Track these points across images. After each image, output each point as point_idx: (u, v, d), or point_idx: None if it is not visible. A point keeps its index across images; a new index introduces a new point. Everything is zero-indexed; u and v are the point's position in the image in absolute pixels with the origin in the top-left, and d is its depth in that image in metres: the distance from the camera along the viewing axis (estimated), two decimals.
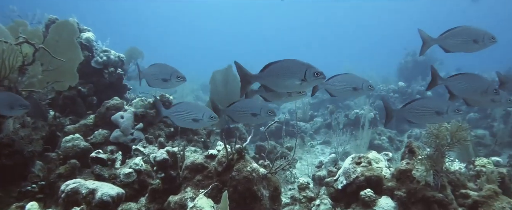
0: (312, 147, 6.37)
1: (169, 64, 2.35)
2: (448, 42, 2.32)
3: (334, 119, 6.65)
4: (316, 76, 1.93)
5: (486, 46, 2.24)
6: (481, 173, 3.39)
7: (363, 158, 2.87)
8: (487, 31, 2.23)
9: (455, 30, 2.27)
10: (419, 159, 2.67)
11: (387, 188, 2.71)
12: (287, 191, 3.96)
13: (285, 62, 1.97)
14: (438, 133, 2.61)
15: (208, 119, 2.22)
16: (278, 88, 2.04)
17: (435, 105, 2.23)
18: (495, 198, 2.76)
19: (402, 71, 10.39)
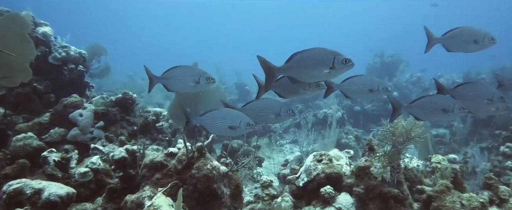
0: (281, 146, 6.45)
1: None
2: (450, 42, 2.32)
3: (303, 118, 6.77)
4: (344, 63, 1.89)
5: (485, 47, 2.25)
6: (436, 169, 3.57)
7: (325, 156, 2.94)
8: (488, 32, 2.24)
9: (457, 30, 2.29)
10: (376, 156, 2.77)
11: (346, 185, 2.80)
12: (253, 189, 3.99)
13: (311, 51, 1.92)
14: (395, 130, 2.72)
15: (245, 126, 2.13)
16: (305, 78, 1.98)
17: (442, 102, 2.24)
18: (447, 192, 2.90)
19: (370, 72, 10.72)
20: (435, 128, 8.61)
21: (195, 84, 2.21)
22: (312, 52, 1.91)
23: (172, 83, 2.24)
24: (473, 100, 2.31)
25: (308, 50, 1.93)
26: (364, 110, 8.76)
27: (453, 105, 2.19)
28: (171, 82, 2.24)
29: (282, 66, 1.96)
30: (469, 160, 4.85)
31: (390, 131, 2.72)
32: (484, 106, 2.32)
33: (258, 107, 2.29)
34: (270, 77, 1.98)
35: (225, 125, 2.14)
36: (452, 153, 6.35)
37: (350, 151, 3.46)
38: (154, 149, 3.14)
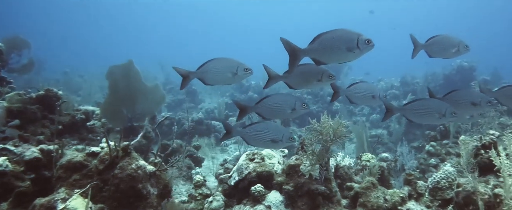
0: (226, 146, 6.45)
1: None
2: (432, 48, 2.44)
3: (248, 118, 6.83)
4: (367, 44, 1.91)
5: (461, 54, 2.43)
6: (365, 167, 3.79)
7: (257, 155, 2.99)
8: (463, 40, 2.41)
9: (438, 38, 2.42)
10: (305, 154, 2.88)
11: (276, 183, 2.87)
12: (190, 189, 3.95)
13: (335, 32, 1.92)
14: (322, 129, 2.84)
15: (287, 140, 2.20)
16: (330, 60, 1.98)
17: (435, 106, 2.30)
18: (373, 189, 3.08)
19: None
20: (374, 128, 9.16)
21: (233, 76, 2.17)
22: (336, 33, 1.92)
23: (210, 76, 2.20)
24: (463, 106, 2.45)
25: (332, 31, 1.93)
26: (309, 111, 9.05)
27: (445, 109, 2.25)
28: (209, 76, 2.19)
29: (306, 48, 1.95)
30: (398, 158, 5.22)
31: (318, 130, 2.83)
32: (472, 110, 2.49)
33: (272, 103, 2.27)
34: (293, 59, 1.97)
35: (268, 138, 2.20)
36: (388, 152, 6.81)
37: (284, 150, 3.56)
38: (78, 149, 2.97)
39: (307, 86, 2.30)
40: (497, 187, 2.43)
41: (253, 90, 9.91)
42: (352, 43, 1.90)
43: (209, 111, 8.63)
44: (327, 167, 2.92)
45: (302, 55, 1.98)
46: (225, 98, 9.42)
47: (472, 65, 10.46)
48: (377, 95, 2.51)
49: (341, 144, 3.25)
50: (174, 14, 47.53)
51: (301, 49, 1.96)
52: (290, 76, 2.20)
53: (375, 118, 9.36)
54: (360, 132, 5.75)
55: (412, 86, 10.23)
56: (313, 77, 2.20)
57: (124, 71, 3.95)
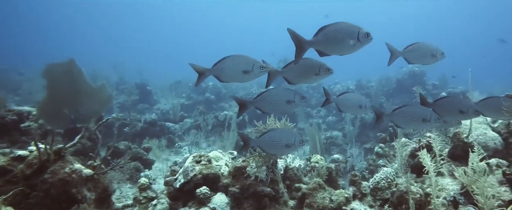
0: (180, 148, 6.35)
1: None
2: (411, 55, 2.51)
3: (203, 120, 6.78)
4: (367, 37, 2.01)
5: (438, 60, 2.51)
6: (313, 168, 3.89)
7: (204, 157, 2.97)
8: (439, 47, 2.52)
9: (416, 45, 2.50)
10: (251, 156, 2.90)
11: (223, 185, 2.87)
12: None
13: (338, 24, 2.01)
14: None
15: (299, 143, 2.30)
16: (332, 51, 2.06)
17: (421, 112, 2.40)
18: (319, 189, 3.17)
19: None
20: (331, 130, 9.45)
21: (249, 74, 2.16)
22: (339, 26, 2.01)
23: (226, 73, 2.17)
24: (451, 113, 2.54)
25: (334, 24, 2.02)
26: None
27: (431, 115, 2.36)
28: (225, 73, 2.17)
29: (311, 39, 2.03)
30: (348, 159, 5.43)
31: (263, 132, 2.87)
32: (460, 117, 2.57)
33: (271, 97, 2.29)
34: (300, 50, 2.03)
35: (282, 144, 2.29)
36: (341, 153, 7.05)
37: (233, 152, 3.57)
38: (5, 153, 2.76)
39: (305, 80, 2.33)
40: (430, 187, 2.61)
41: (210, 92, 9.84)
42: (353, 36, 2.01)
43: (164, 112, 8.45)
44: (273, 169, 2.97)
45: (307, 46, 2.05)
46: (181, 100, 9.27)
47: (422, 70, 11.12)
48: (363, 106, 2.62)
49: None
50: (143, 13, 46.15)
51: (307, 40, 2.04)
52: (288, 71, 2.23)
53: (331, 120, 9.66)
54: (314, 133, 5.90)
55: (367, 89, 10.68)
56: (311, 71, 2.23)
57: (64, 70, 3.75)
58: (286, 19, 41.84)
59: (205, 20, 45.92)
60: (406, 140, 3.29)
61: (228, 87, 10.31)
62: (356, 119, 8.49)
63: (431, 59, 2.48)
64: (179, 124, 7.36)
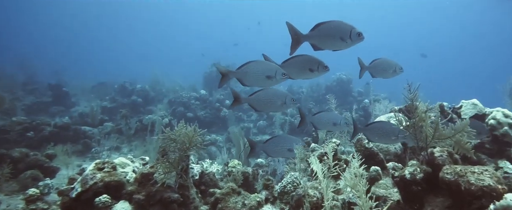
0: (97, 153, 5.98)
1: None
2: (374, 70, 2.76)
3: (125, 124, 6.49)
4: (358, 36, 2.17)
5: (397, 74, 2.78)
6: (230, 173, 3.93)
7: (108, 163, 2.84)
8: (397, 62, 2.77)
9: (378, 61, 2.76)
10: (159, 162, 2.85)
11: (126, 193, 2.76)
12: None
13: (333, 22, 2.16)
14: (176, 137, 2.85)
15: (301, 147, 2.53)
16: (326, 46, 2.21)
17: (391, 129, 2.61)
18: (232, 194, 3.20)
19: (207, 80, 11.24)
20: (261, 134, 9.65)
21: (271, 79, 2.26)
22: (334, 24, 2.17)
23: (249, 78, 2.28)
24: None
25: (330, 21, 2.18)
26: (196, 116, 9.07)
27: (398, 132, 2.57)
28: (248, 77, 2.28)
29: (307, 33, 2.18)
30: (270, 163, 5.59)
31: (171, 139, 2.83)
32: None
33: (264, 96, 2.43)
34: (295, 42, 2.18)
35: (285, 148, 2.48)
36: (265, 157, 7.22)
37: (145, 158, 3.46)
38: None
39: (304, 76, 2.43)
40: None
41: (137, 94, 9.47)
42: (346, 34, 2.16)
43: (83, 114, 7.91)
44: (182, 175, 2.94)
45: (303, 40, 2.20)
46: (104, 102, 8.77)
47: (349, 78, 11.88)
48: (338, 123, 2.81)
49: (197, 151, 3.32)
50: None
51: (303, 34, 2.20)
52: (288, 66, 2.34)
53: (262, 124, 9.88)
54: (238, 138, 5.99)
55: (297, 95, 11.11)
56: (309, 67, 2.35)
57: None
58: (215, 18, 41.92)
59: (138, 19, 43.99)
60: (315, 145, 3.48)
61: (158, 91, 10.03)
62: (285, 123, 8.79)
63: (391, 74, 2.76)
64: (98, 128, 6.94)
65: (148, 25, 41.36)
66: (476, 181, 2.06)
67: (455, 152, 2.39)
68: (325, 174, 2.30)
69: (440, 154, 2.35)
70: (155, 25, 41.64)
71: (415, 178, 2.35)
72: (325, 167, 2.39)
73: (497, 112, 3.79)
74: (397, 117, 2.54)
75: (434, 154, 2.38)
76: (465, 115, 3.88)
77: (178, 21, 42.83)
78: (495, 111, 3.81)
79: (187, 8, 40.87)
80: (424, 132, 2.37)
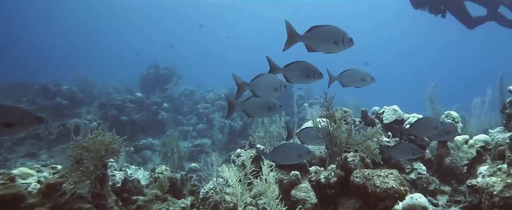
0: (7, 161, 5.44)
1: None
2: (344, 79, 2.87)
3: (44, 129, 5.98)
4: (349, 42, 2.32)
5: (368, 84, 2.88)
6: (156, 179, 3.80)
7: (4, 175, 2.57)
8: (369, 73, 2.89)
9: (349, 71, 2.88)
10: (69, 171, 2.65)
11: (26, 206, 2.52)
12: None
13: (327, 26, 2.31)
14: (89, 145, 2.68)
15: (306, 154, 2.61)
16: (319, 48, 2.37)
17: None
18: (155, 201, 3.08)
19: (144, 82, 10.85)
20: (200, 138, 9.52)
21: (277, 91, 2.51)
22: (328, 28, 2.32)
23: (261, 89, 2.50)
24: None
25: (325, 25, 2.33)
26: (131, 120, 8.70)
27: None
28: (260, 88, 2.50)
29: (302, 34, 2.32)
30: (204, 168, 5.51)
31: (84, 147, 2.66)
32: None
33: (256, 102, 2.63)
34: (290, 40, 2.30)
35: (293, 155, 2.58)
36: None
37: (56, 167, 3.21)
38: None
39: (301, 81, 2.62)
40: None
41: (62, 96, 8.82)
42: (338, 38, 2.32)
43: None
44: (96, 184, 2.76)
45: (297, 39, 2.33)
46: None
47: None
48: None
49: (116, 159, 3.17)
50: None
51: (298, 34, 2.32)
52: (289, 70, 2.54)
53: (201, 127, 9.75)
54: (171, 143, 5.84)
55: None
56: (306, 74, 2.55)
57: None
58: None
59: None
60: (241, 150, 3.50)
61: (88, 93, 9.44)
62: (225, 126, 8.75)
63: (362, 83, 2.88)
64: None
65: (78, 23, 38.24)
66: (381, 183, 2.19)
67: (366, 156, 2.53)
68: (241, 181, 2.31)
69: (352, 158, 2.47)
70: (85, 24, 38.64)
71: (329, 182, 2.44)
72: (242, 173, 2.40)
73: (413, 117, 4.12)
74: (315, 123, 2.63)
75: (347, 158, 2.50)
76: (386, 120, 4.15)
77: (111, 21, 40.26)
78: (411, 116, 4.14)
79: (121, 8, 38.31)
80: (339, 137, 2.48)
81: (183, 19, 37.77)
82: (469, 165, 3.17)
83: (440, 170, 3.76)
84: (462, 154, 3.15)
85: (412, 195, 2.29)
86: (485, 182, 2.64)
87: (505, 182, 2.49)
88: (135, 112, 8.96)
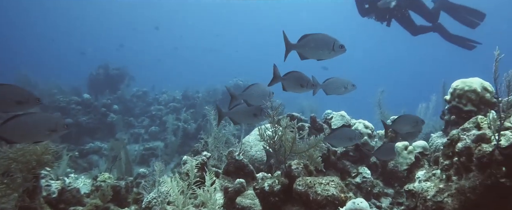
0: None
1: None
2: (328, 87, 3.04)
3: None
4: (340, 48, 2.47)
5: (349, 91, 3.07)
6: (98, 188, 3.63)
7: None
8: (350, 80, 3.06)
9: (332, 80, 3.05)
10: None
11: None
12: None
13: (318, 34, 2.46)
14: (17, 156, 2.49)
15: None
16: (311, 56, 2.53)
17: (349, 133, 3.10)
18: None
19: (92, 83, 10.33)
20: (153, 140, 9.24)
21: (264, 99, 2.67)
22: (319, 36, 2.48)
23: (253, 98, 2.76)
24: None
25: (316, 34, 2.48)
26: (77, 122, 8.24)
27: (355, 135, 3.06)
28: (252, 98, 2.76)
29: (296, 43, 2.49)
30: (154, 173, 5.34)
31: (13, 159, 2.46)
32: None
33: (241, 110, 2.86)
34: (287, 50, 2.51)
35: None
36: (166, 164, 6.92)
37: None
38: None
39: (295, 90, 2.84)
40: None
41: None
42: (329, 46, 2.46)
43: None
44: (24, 197, 2.56)
45: (291, 48, 2.51)
46: None
47: (246, 84, 12.19)
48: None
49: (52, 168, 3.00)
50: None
51: (292, 43, 2.50)
52: (287, 79, 2.77)
53: (154, 130, 9.48)
54: (119, 148, 5.61)
55: (192, 100, 10.97)
56: (300, 84, 2.78)
57: None
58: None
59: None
60: (187, 157, 3.42)
61: None
62: (178, 129, 8.56)
63: (344, 91, 3.07)
64: None
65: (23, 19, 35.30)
66: (322, 191, 2.24)
67: (310, 164, 2.57)
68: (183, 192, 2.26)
69: (296, 166, 2.50)
70: (30, 20, 35.76)
71: (273, 190, 2.45)
72: (187, 182, 2.35)
73: (359, 123, 4.26)
74: (260, 131, 2.63)
75: (291, 166, 2.52)
76: (335, 125, 4.26)
77: (57, 17, 37.59)
78: (358, 122, 4.29)
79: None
80: (283, 146, 2.50)
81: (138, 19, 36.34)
82: (408, 170, 3.34)
83: (384, 173, 3.93)
84: (402, 159, 3.31)
85: (354, 200, 2.36)
86: (421, 187, 2.80)
87: (437, 187, 2.66)
88: (82, 114, 8.50)
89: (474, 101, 3.10)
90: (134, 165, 7.44)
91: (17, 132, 2.01)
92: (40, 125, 2.09)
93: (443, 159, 2.81)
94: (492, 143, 2.32)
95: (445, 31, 5.90)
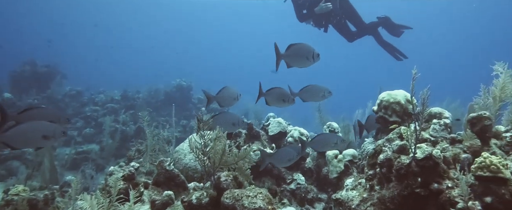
0: None
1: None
2: (305, 95, 3.14)
3: None
4: (317, 57, 2.73)
5: (326, 98, 3.20)
6: (10, 202, 3.30)
7: None
8: (326, 87, 3.15)
9: (309, 87, 3.12)
10: None
11: None
12: None
13: (301, 44, 2.73)
14: None
15: (296, 157, 2.95)
16: (294, 64, 2.79)
17: (327, 138, 3.17)
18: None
19: (16, 81, 9.40)
20: (87, 143, 8.67)
21: (236, 100, 3.14)
22: (301, 46, 2.71)
23: (225, 100, 3.10)
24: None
25: (298, 44, 2.70)
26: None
27: (337, 139, 3.13)
28: (224, 100, 3.10)
29: (283, 53, 2.72)
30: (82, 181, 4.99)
31: None
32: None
33: (222, 118, 2.94)
34: (278, 59, 2.73)
35: (286, 159, 2.88)
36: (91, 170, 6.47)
37: None
38: None
39: (277, 104, 3.02)
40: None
41: None
42: (309, 54, 2.69)
43: None
44: None
45: (281, 58, 2.72)
46: None
47: (189, 84, 11.91)
48: (293, 158, 3.01)
49: None
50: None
51: (281, 53, 2.70)
52: (269, 95, 2.99)
53: (88, 132, 8.90)
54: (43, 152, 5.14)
55: (132, 101, 10.48)
56: (282, 99, 2.98)
57: None
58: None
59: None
60: (114, 168, 3.22)
61: None
62: (116, 131, 8.12)
63: (320, 98, 3.19)
64: None
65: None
66: (249, 204, 2.21)
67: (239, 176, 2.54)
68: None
69: (225, 178, 2.46)
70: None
71: (200, 203, 2.38)
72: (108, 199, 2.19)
73: (294, 130, 4.34)
74: (190, 141, 2.55)
75: (220, 178, 2.47)
76: (272, 132, 4.29)
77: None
78: (293, 129, 4.36)
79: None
80: (212, 158, 2.44)
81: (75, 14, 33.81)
82: (338, 178, 3.45)
83: (318, 179, 4.03)
84: (332, 167, 3.42)
85: (285, 209, 2.39)
86: (347, 195, 2.91)
87: (361, 197, 2.77)
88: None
89: (398, 113, 3.28)
90: (64, 171, 6.93)
91: (18, 138, 2.19)
92: (38, 132, 2.25)
93: (367, 168, 2.95)
94: (410, 155, 2.47)
95: (379, 36, 6.19)
